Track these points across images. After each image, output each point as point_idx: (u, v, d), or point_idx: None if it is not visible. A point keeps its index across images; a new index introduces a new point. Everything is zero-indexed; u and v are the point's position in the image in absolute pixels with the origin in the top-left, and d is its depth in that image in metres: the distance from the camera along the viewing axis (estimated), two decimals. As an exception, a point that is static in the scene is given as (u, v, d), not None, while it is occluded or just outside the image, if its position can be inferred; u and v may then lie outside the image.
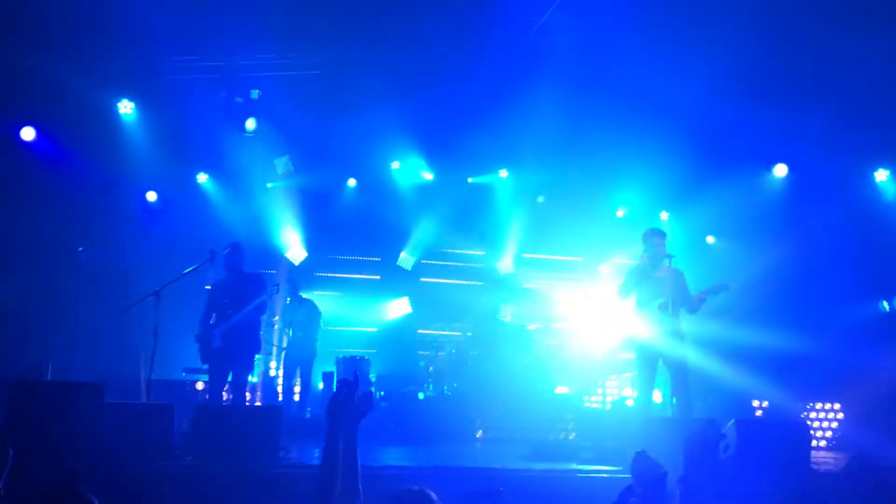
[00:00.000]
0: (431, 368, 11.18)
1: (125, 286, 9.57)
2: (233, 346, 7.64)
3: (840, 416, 10.44)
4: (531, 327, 11.99)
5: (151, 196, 11.79)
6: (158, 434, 6.07)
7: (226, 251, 7.88)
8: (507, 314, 12.29)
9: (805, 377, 10.35)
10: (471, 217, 13.08)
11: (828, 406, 10.57)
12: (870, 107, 10.30)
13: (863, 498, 5.25)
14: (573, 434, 9.72)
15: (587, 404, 10.93)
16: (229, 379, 7.73)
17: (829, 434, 10.33)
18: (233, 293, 7.78)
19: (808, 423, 10.15)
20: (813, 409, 10.53)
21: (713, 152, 11.04)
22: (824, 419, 10.53)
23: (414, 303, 13.10)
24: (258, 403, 10.18)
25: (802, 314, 10.88)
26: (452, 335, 11.60)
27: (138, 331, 9.63)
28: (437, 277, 13.04)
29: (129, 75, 10.32)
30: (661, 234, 7.92)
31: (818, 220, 11.32)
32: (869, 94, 10.09)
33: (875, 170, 11.85)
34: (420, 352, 11.84)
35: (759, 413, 10.39)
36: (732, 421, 6.54)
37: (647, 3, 8.84)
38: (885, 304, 11.78)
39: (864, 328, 10.89)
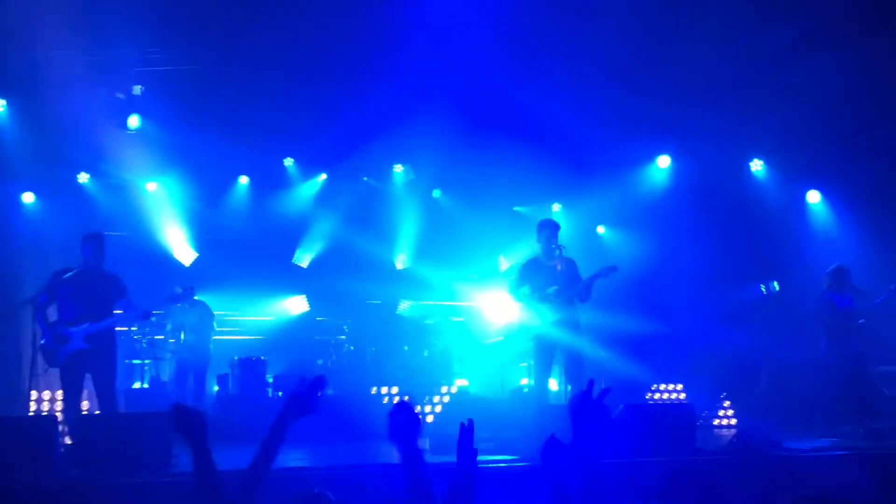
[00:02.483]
0: (330, 366, 11.09)
1: (1, 294, 9.06)
2: (101, 349, 6.96)
3: (683, 396, 11.04)
4: (429, 321, 12.02)
5: (28, 198, 11.17)
6: (40, 447, 5.79)
7: (88, 242, 7.10)
8: (405, 308, 12.31)
9: (661, 359, 10.88)
10: (367, 213, 13.00)
11: (671, 387, 11.17)
12: (744, 99, 10.88)
13: (743, 471, 5.56)
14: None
15: (486, 395, 11.06)
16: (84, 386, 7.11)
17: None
18: (95, 291, 7.03)
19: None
20: (658, 390, 11.10)
21: (600, 145, 11.33)
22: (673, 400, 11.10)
23: (311, 301, 12.91)
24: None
25: (669, 299, 11.40)
26: (350, 333, 11.50)
27: (20, 340, 9.19)
28: (334, 274, 12.89)
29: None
30: (554, 226, 8.09)
31: (700, 208, 11.87)
32: (743, 87, 10.66)
33: (751, 160, 12.49)
34: (318, 351, 11.67)
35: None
36: (622, 406, 6.79)
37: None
38: (764, 288, 12.42)
39: (729, 312, 11.48)
